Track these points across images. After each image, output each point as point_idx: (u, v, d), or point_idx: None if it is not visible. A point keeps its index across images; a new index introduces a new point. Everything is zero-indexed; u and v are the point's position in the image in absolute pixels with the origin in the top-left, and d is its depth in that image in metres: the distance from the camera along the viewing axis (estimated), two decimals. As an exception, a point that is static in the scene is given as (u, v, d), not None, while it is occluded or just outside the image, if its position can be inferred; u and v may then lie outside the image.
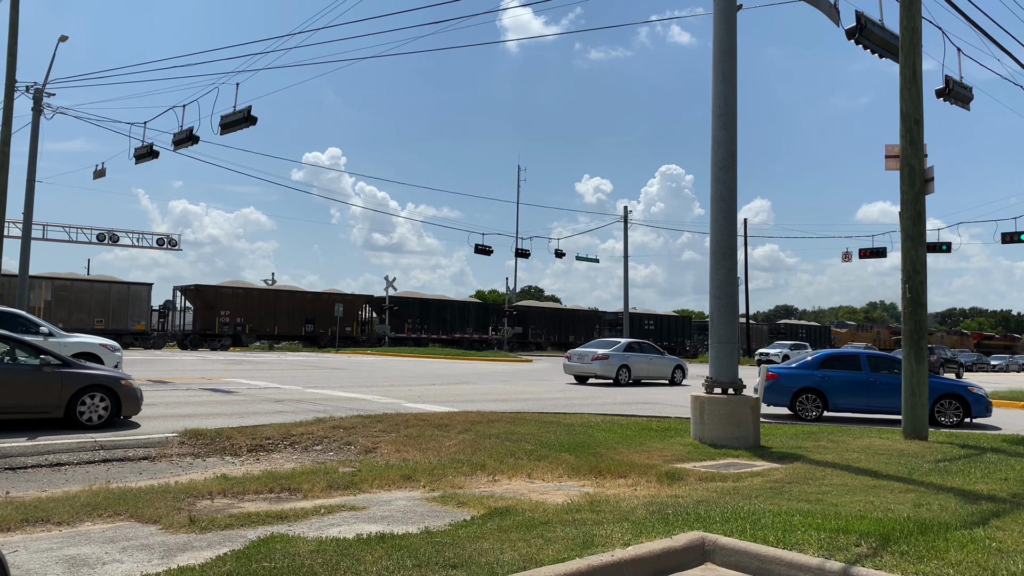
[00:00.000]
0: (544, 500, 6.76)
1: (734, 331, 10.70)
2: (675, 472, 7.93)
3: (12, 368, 10.65)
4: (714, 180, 10.89)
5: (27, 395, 10.54)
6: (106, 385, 11.10)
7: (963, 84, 15.40)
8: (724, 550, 4.95)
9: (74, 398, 10.78)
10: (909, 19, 11.40)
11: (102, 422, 10.91)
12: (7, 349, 10.82)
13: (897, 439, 10.87)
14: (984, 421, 16.00)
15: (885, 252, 37.85)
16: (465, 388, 20.22)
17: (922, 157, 11.39)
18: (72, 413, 10.76)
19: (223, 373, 23.23)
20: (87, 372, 11.15)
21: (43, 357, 10.81)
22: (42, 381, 10.62)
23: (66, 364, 11.10)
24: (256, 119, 19.91)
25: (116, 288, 40.20)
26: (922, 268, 11.18)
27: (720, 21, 10.97)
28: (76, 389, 10.83)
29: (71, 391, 10.79)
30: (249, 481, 7.31)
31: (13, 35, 23.57)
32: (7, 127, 23.52)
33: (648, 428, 11.46)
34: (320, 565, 4.37)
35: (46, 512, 5.87)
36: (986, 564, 4.54)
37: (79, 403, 10.83)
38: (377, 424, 10.94)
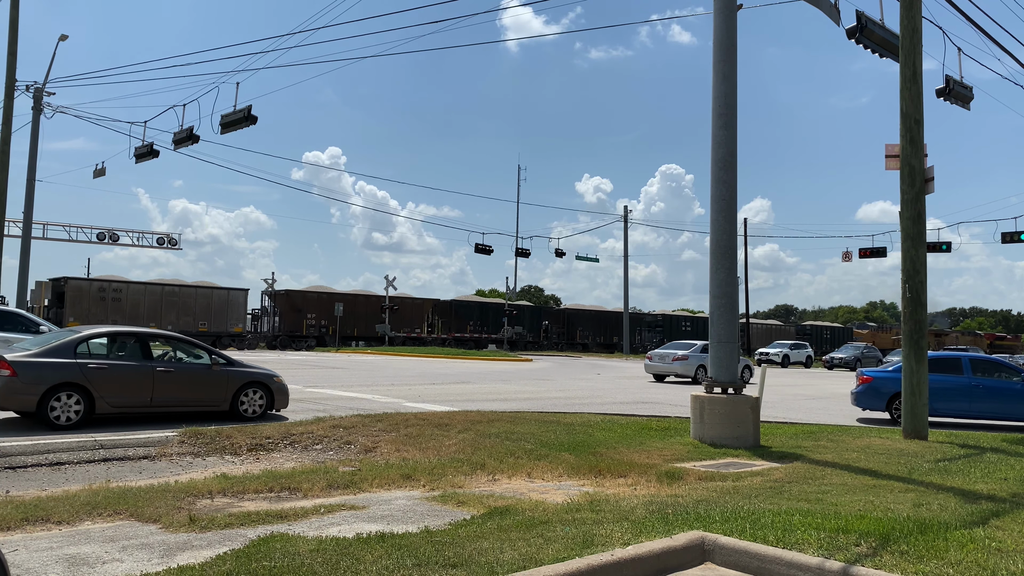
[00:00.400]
0: (544, 499, 6.76)
1: (734, 331, 10.71)
2: (675, 472, 7.93)
3: (189, 367, 12.07)
4: (714, 180, 10.89)
5: (203, 391, 11.97)
6: (262, 382, 12.53)
7: (963, 84, 15.41)
8: (724, 550, 4.95)
9: (237, 393, 12.20)
10: (909, 19, 11.40)
11: (258, 415, 12.31)
12: (183, 350, 12.42)
13: (897, 439, 10.87)
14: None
15: (885, 252, 37.88)
16: (465, 388, 20.23)
17: (922, 157, 11.39)
18: (236, 407, 12.18)
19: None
20: (248, 370, 12.58)
21: (213, 357, 12.31)
22: (213, 378, 12.08)
23: (231, 363, 12.51)
24: (256, 118, 19.93)
25: (217, 293, 43.05)
26: (922, 268, 11.18)
27: (720, 20, 10.98)
28: (239, 385, 12.26)
29: (235, 387, 12.24)
30: (249, 480, 7.32)
31: (13, 34, 23.57)
32: (7, 126, 23.52)
33: (648, 428, 11.46)
34: (320, 564, 4.37)
35: (46, 511, 5.87)
36: (986, 564, 4.54)
37: (240, 397, 12.23)
38: (377, 423, 10.95)
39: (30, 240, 25.93)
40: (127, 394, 11.22)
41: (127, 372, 11.33)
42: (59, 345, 10.99)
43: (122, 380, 11.20)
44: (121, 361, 11.45)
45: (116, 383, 11.12)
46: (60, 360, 10.79)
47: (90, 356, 11.16)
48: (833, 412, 17.17)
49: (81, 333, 11.39)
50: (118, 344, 11.91)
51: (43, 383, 10.52)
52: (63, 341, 11.08)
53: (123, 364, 11.40)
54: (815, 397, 22.06)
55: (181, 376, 11.82)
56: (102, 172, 28.00)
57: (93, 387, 10.87)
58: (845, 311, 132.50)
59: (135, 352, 11.79)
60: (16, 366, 10.47)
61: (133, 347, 11.89)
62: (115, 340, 11.89)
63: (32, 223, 26.65)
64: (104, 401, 10.99)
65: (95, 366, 11.01)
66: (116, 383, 11.12)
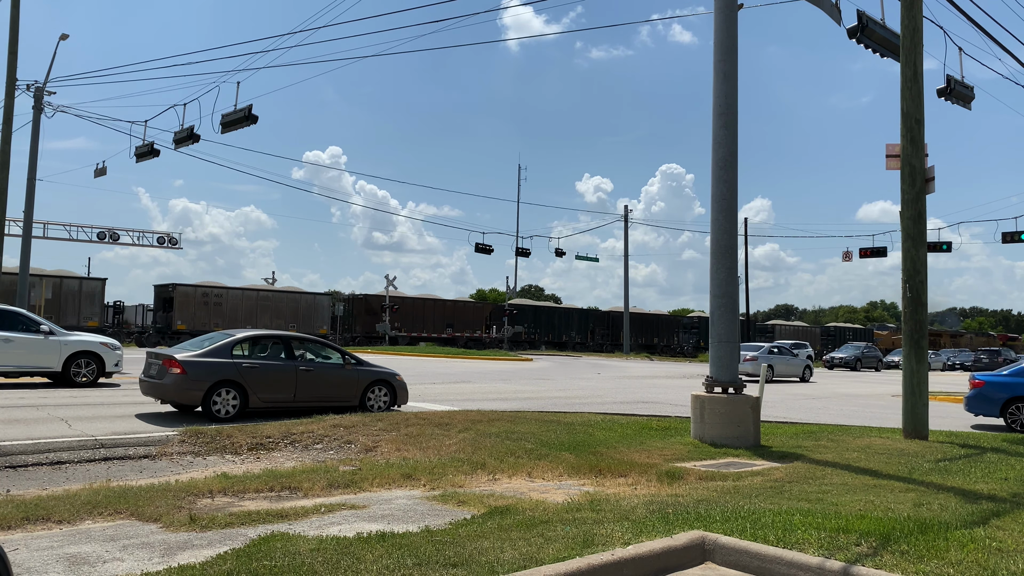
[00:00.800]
0: (544, 499, 6.76)
1: (735, 330, 10.70)
2: (675, 471, 7.93)
3: (326, 366, 13.22)
4: (715, 179, 10.88)
5: (337, 388, 13.13)
6: (386, 380, 13.65)
7: (964, 83, 15.39)
8: (724, 549, 4.95)
9: (365, 390, 13.32)
10: (910, 18, 11.40)
11: (383, 410, 13.30)
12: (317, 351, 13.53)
13: (897, 439, 10.87)
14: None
15: (885, 251, 37.81)
16: (465, 387, 20.23)
17: (923, 156, 11.38)
18: (364, 402, 13.26)
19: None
20: (374, 369, 13.69)
21: (345, 357, 13.46)
22: (346, 377, 13.24)
23: (360, 363, 13.59)
24: (257, 118, 19.91)
25: (304, 298, 47.57)
26: (923, 268, 11.17)
27: (721, 20, 10.97)
28: (368, 383, 13.37)
29: (364, 384, 13.33)
30: (249, 480, 7.32)
31: (14, 33, 23.58)
32: (8, 125, 23.52)
33: (648, 427, 11.46)
34: (321, 564, 4.37)
35: (47, 510, 5.87)
36: (986, 563, 4.54)
37: (368, 394, 13.30)
38: (377, 423, 10.95)
39: (31, 239, 25.93)
40: (275, 391, 12.47)
41: (275, 371, 12.58)
42: (218, 347, 12.27)
43: (271, 378, 12.47)
44: (270, 361, 12.70)
45: (266, 381, 12.39)
46: (220, 360, 12.06)
47: (243, 357, 12.40)
48: (833, 412, 17.17)
49: (236, 336, 12.66)
50: (268, 345, 13.11)
51: (207, 380, 11.80)
52: (221, 343, 12.35)
53: (271, 364, 12.65)
54: (816, 396, 22.06)
55: (319, 375, 12.97)
56: (103, 171, 27.99)
57: (247, 384, 12.15)
58: (845, 311, 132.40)
59: (280, 353, 13.00)
60: (186, 366, 11.73)
61: (278, 348, 13.09)
62: (264, 342, 13.12)
63: (33, 222, 26.64)
64: (256, 397, 12.26)
65: (248, 365, 12.28)
66: (266, 381, 12.39)
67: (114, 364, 16.77)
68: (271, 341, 13.24)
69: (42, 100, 26.01)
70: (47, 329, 16.08)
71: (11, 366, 15.52)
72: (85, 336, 17.17)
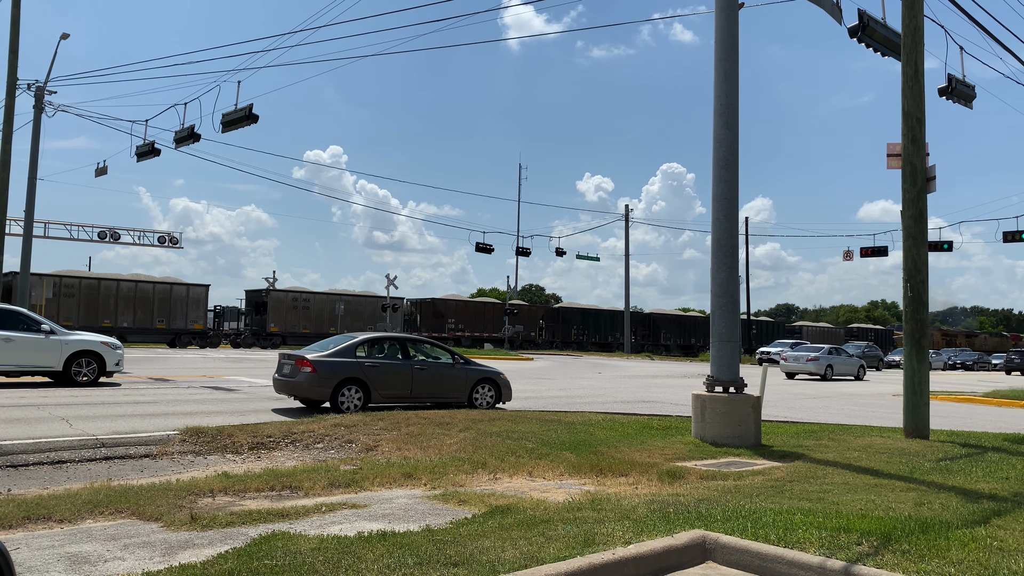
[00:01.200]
0: (545, 498, 6.76)
1: (735, 330, 10.69)
2: (676, 470, 7.92)
3: (438, 365, 14.19)
4: (715, 178, 10.87)
5: (447, 386, 14.10)
6: (492, 379, 14.54)
7: (965, 83, 15.38)
8: (725, 548, 4.94)
9: (472, 388, 14.23)
10: (911, 17, 11.38)
11: (489, 406, 14.19)
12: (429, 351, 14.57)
13: (898, 438, 10.86)
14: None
15: (886, 251, 37.78)
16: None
17: (924, 156, 11.37)
18: (471, 400, 14.22)
19: (224, 371, 23.26)
20: (480, 368, 14.65)
21: (455, 357, 14.46)
22: (455, 375, 14.19)
23: (467, 363, 14.57)
24: (257, 117, 19.93)
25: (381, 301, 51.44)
26: (924, 267, 11.16)
27: (722, 19, 10.96)
28: (475, 381, 14.29)
29: (472, 383, 14.26)
30: (250, 479, 7.32)
31: (15, 33, 23.58)
32: (9, 125, 23.53)
33: (649, 426, 11.46)
34: (321, 563, 4.37)
35: (48, 509, 5.87)
36: (987, 563, 4.53)
37: (475, 392, 14.22)
38: (378, 422, 10.95)
39: (31, 239, 25.94)
40: (394, 388, 13.51)
41: (394, 370, 13.60)
42: (343, 348, 13.35)
43: (390, 376, 13.49)
44: (388, 361, 13.75)
45: (386, 379, 13.42)
46: (345, 360, 13.15)
47: (365, 357, 13.47)
48: (834, 411, 17.16)
49: (359, 338, 13.80)
50: (384, 346, 14.16)
51: (334, 378, 12.90)
52: (345, 345, 13.46)
53: (390, 363, 13.69)
54: (816, 396, 22.05)
55: (432, 373, 13.96)
56: (103, 171, 27.99)
57: (369, 382, 13.19)
58: (846, 310, 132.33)
59: (397, 353, 14.02)
60: (316, 365, 12.86)
61: (396, 349, 14.11)
62: (383, 343, 14.22)
63: (34, 222, 26.65)
64: (378, 393, 13.29)
65: (370, 364, 13.35)
66: (386, 379, 13.42)
67: (115, 363, 16.77)
68: (389, 342, 14.33)
69: (43, 99, 26.01)
70: (48, 328, 16.08)
71: (12, 365, 15.53)
72: (86, 335, 17.18)
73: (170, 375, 20.53)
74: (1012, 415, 18.03)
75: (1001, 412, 18.67)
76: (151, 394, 15.20)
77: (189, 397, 14.92)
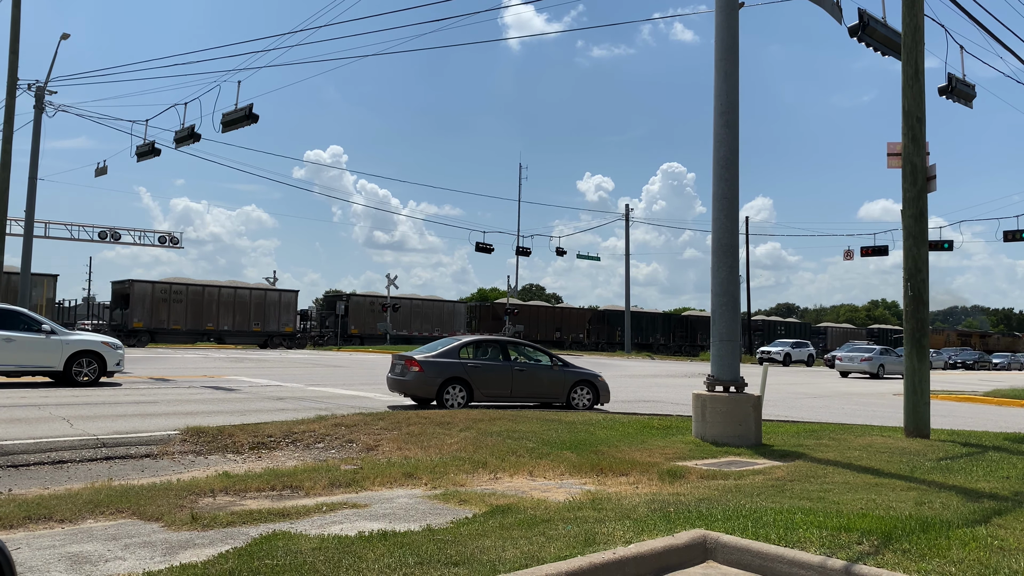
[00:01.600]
0: (546, 498, 6.76)
1: (736, 329, 10.69)
2: (677, 470, 7.92)
3: (537, 366, 15.10)
4: (716, 178, 10.87)
5: (546, 386, 14.94)
6: (590, 381, 15.19)
7: (966, 82, 15.37)
8: (726, 548, 4.94)
9: (570, 389, 14.98)
10: (912, 17, 11.38)
11: (587, 408, 14.83)
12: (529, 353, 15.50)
13: (899, 437, 10.86)
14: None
15: (887, 250, 37.74)
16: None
17: (924, 155, 11.36)
18: (569, 400, 14.91)
19: (225, 371, 23.26)
20: (578, 371, 15.36)
21: (553, 359, 15.28)
22: (554, 377, 14.98)
23: (566, 365, 15.28)
24: (258, 117, 19.91)
25: (446, 306, 57.27)
26: (924, 266, 11.16)
27: (722, 19, 10.95)
28: (573, 383, 15.02)
29: (570, 384, 15.00)
30: (251, 479, 7.32)
31: (15, 33, 23.58)
32: (9, 125, 23.53)
33: (649, 426, 11.45)
34: (322, 562, 4.37)
35: (48, 509, 5.87)
36: (988, 562, 4.53)
37: (572, 393, 14.95)
38: (379, 422, 10.95)
39: (32, 239, 25.94)
40: (495, 387, 14.37)
41: (495, 370, 14.49)
42: (448, 349, 14.41)
43: (491, 376, 14.38)
44: (490, 362, 14.67)
45: (487, 379, 14.33)
46: (450, 360, 14.18)
47: (468, 358, 14.45)
48: (835, 410, 17.16)
49: (462, 340, 14.99)
50: (487, 348, 15.08)
51: (440, 377, 13.88)
52: (450, 347, 14.53)
53: (491, 364, 14.60)
54: (817, 395, 22.05)
55: (531, 374, 14.81)
56: (104, 171, 27.98)
57: (472, 381, 14.13)
58: (847, 310, 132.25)
59: (498, 354, 14.94)
60: (424, 365, 13.87)
61: (497, 351, 15.03)
62: (485, 346, 15.16)
63: (34, 222, 26.66)
64: (479, 392, 14.18)
65: (472, 365, 14.33)
66: (487, 379, 14.33)
67: (115, 363, 16.77)
68: (491, 345, 15.24)
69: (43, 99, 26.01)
70: (48, 328, 16.09)
71: (13, 365, 15.53)
72: (86, 335, 17.18)
73: (171, 375, 20.54)
74: (1013, 414, 18.02)
75: (1002, 411, 18.66)
76: (152, 394, 15.21)
77: (190, 397, 14.92)
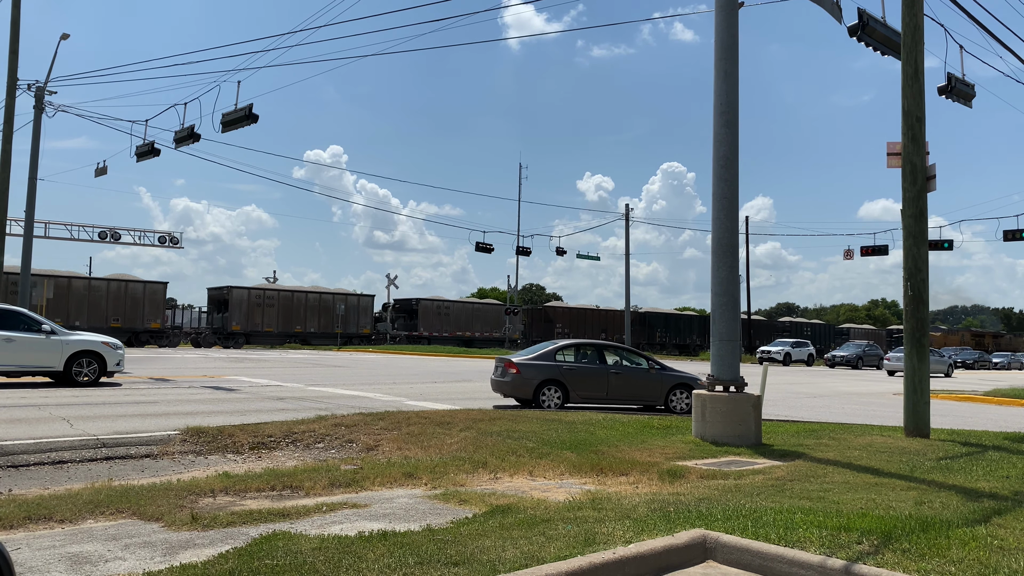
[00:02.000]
0: (546, 498, 6.76)
1: (736, 329, 10.69)
2: (677, 470, 7.92)
3: (633, 370, 15.26)
4: (716, 178, 10.87)
5: (642, 389, 15.16)
6: (688, 384, 15.24)
7: (965, 81, 15.37)
8: (726, 548, 4.94)
9: (668, 393, 15.15)
10: (911, 16, 11.38)
11: (685, 412, 14.82)
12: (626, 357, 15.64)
13: (899, 437, 10.85)
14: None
15: (887, 250, 37.72)
16: (467, 386, 20.22)
17: (924, 154, 11.36)
18: (667, 403, 15.15)
19: (224, 371, 23.26)
20: (676, 374, 15.57)
21: (650, 363, 15.40)
22: (651, 380, 15.20)
23: (663, 368, 15.46)
24: (257, 117, 19.91)
25: (500, 308, 60.50)
26: (924, 266, 11.16)
27: (722, 18, 10.95)
28: (671, 386, 15.20)
29: (667, 387, 15.18)
30: (251, 479, 7.32)
31: (15, 33, 23.57)
32: (9, 125, 23.52)
33: (649, 426, 11.45)
34: (322, 562, 4.37)
35: (48, 509, 5.87)
36: (988, 562, 4.53)
37: (671, 396, 15.14)
38: (379, 422, 10.94)
39: (32, 239, 25.93)
40: (590, 390, 14.66)
41: (590, 373, 14.79)
42: (545, 352, 14.92)
43: (587, 379, 14.71)
44: (586, 364, 14.96)
45: (583, 381, 14.67)
46: (546, 363, 14.67)
47: (565, 361, 14.86)
48: (835, 410, 17.15)
49: (558, 344, 15.37)
50: (584, 352, 15.31)
51: (536, 379, 14.39)
52: (547, 350, 15.00)
53: (587, 367, 14.89)
54: (817, 395, 22.05)
55: (627, 377, 15.03)
56: (104, 171, 27.97)
57: (568, 383, 14.54)
58: (847, 309, 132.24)
59: (595, 358, 15.19)
60: (520, 367, 14.47)
61: (593, 354, 15.26)
62: (581, 349, 15.39)
63: (34, 222, 26.64)
64: (575, 393, 14.57)
65: (568, 367, 14.72)
66: (583, 381, 14.67)
67: (115, 363, 16.78)
68: (588, 348, 15.43)
69: (43, 100, 26.01)
70: (48, 328, 16.09)
71: (13, 366, 15.53)
72: (86, 335, 17.18)
73: (171, 375, 20.54)
74: (1013, 414, 18.02)
75: (1002, 411, 18.66)
76: (152, 394, 15.21)
77: (190, 397, 14.92)
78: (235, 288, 46.73)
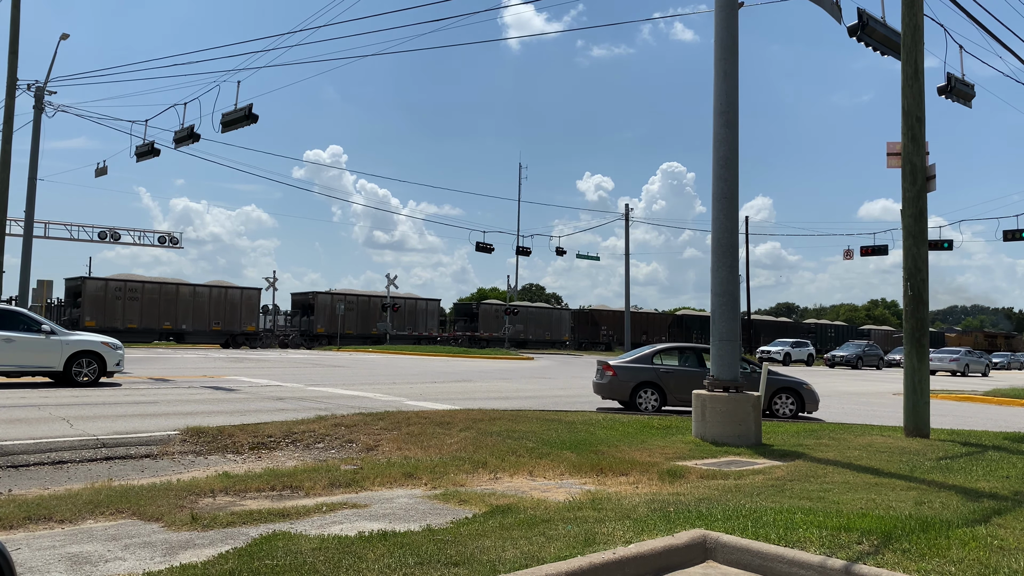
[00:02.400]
0: (546, 498, 6.76)
1: (736, 329, 10.69)
2: (677, 470, 7.93)
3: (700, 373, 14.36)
4: (715, 178, 10.87)
5: None
6: (792, 388, 14.94)
7: (965, 81, 15.38)
8: (726, 548, 4.94)
9: (772, 397, 14.71)
10: (911, 16, 11.38)
11: (789, 416, 14.65)
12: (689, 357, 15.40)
13: (899, 437, 10.86)
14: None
15: (887, 250, 37.76)
16: (466, 386, 20.23)
17: (924, 154, 11.37)
18: (771, 407, 14.79)
19: (224, 372, 23.26)
20: (780, 377, 15.16)
21: (751, 366, 14.83)
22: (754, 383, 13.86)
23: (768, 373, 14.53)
24: (257, 117, 19.92)
25: (555, 313, 64.22)
26: (924, 266, 11.16)
27: (721, 18, 10.95)
28: (775, 390, 14.79)
29: (770, 391, 14.68)
30: (251, 479, 7.32)
31: (14, 33, 23.57)
32: (9, 125, 23.52)
33: (650, 426, 11.46)
34: (322, 563, 4.37)
35: (48, 510, 5.87)
36: (988, 562, 4.53)
37: (774, 400, 14.80)
38: (379, 422, 10.94)
39: (31, 239, 25.93)
40: (687, 393, 13.51)
41: (688, 376, 14.56)
42: (642, 355, 15.13)
43: (684, 382, 14.45)
44: (683, 367, 14.92)
45: (680, 384, 14.55)
46: (643, 366, 14.85)
47: (662, 364, 14.93)
48: (835, 410, 17.15)
49: (656, 347, 15.49)
50: (683, 355, 15.30)
51: (632, 381, 14.63)
52: (644, 353, 15.21)
53: (684, 370, 14.84)
54: (817, 395, 22.01)
55: None
56: (103, 171, 27.98)
57: (664, 386, 14.68)
58: (847, 309, 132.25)
59: (694, 361, 15.08)
60: (617, 370, 14.74)
61: (692, 357, 15.21)
62: (682, 352, 15.40)
63: (34, 222, 26.66)
64: (672, 396, 14.61)
65: (665, 370, 14.82)
66: (680, 384, 14.55)
67: (115, 364, 16.78)
68: (687, 351, 15.42)
69: (43, 100, 26.01)
70: (48, 329, 16.09)
71: (13, 366, 15.53)
72: (86, 336, 17.19)
73: (170, 375, 20.54)
74: (1012, 413, 18.02)
75: (1002, 411, 18.67)
76: (152, 394, 15.21)
77: (189, 397, 14.92)
78: (319, 293, 51.59)
